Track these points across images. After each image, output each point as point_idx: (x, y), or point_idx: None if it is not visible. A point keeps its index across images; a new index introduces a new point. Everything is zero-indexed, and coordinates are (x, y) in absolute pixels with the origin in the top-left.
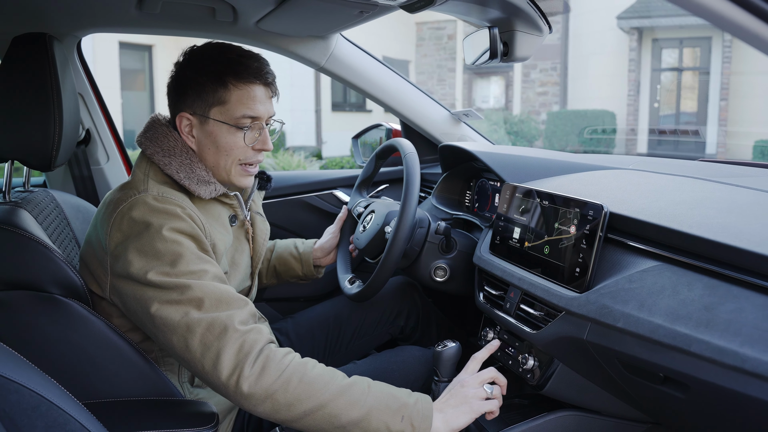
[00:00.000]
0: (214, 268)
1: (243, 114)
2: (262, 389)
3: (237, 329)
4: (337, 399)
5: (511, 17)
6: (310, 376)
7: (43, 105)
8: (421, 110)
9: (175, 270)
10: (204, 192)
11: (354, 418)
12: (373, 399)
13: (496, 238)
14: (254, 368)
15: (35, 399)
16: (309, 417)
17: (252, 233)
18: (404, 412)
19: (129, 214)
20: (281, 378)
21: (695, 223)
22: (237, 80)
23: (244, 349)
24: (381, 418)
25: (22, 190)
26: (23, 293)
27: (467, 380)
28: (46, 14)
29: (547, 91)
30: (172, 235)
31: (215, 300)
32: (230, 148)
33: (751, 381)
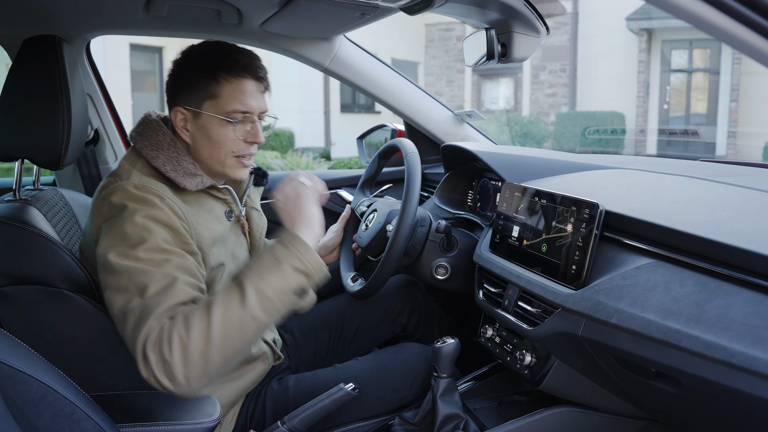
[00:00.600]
0: (182, 259)
1: (234, 108)
2: (170, 370)
3: (153, 319)
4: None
5: (509, 19)
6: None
7: (52, 105)
8: (425, 111)
9: (134, 252)
10: (189, 184)
11: (248, 304)
12: (245, 276)
13: (496, 237)
14: (154, 352)
15: (42, 389)
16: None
17: (248, 228)
18: (273, 253)
19: (109, 198)
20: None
21: (688, 221)
22: (228, 74)
23: (147, 335)
24: (265, 278)
25: (32, 189)
26: (32, 288)
27: (277, 195)
28: (56, 17)
29: (556, 93)
30: (144, 221)
31: (161, 286)
32: (222, 140)
33: (739, 375)
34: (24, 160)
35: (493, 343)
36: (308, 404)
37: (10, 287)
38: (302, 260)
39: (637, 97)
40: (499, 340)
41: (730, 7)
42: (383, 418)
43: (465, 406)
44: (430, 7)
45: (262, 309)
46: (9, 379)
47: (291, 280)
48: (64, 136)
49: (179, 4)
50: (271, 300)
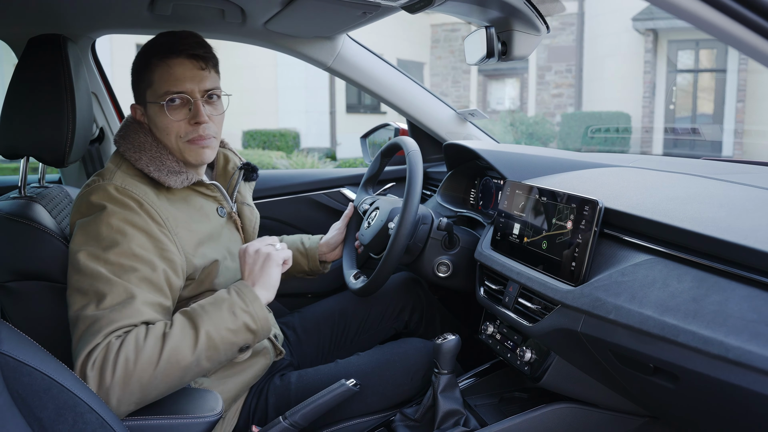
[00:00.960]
0: (148, 270)
1: (166, 90)
2: (104, 389)
3: (101, 336)
4: (173, 348)
5: (509, 17)
6: (142, 346)
7: (57, 103)
8: (427, 110)
9: (104, 255)
10: (174, 182)
11: (198, 349)
12: (202, 322)
13: (497, 234)
14: (94, 370)
15: (47, 382)
16: (163, 378)
17: (241, 223)
18: (232, 308)
19: (88, 197)
20: (118, 367)
21: (687, 217)
22: (156, 59)
23: (91, 352)
24: (219, 329)
25: (38, 186)
26: (37, 283)
27: (249, 249)
28: (61, 16)
29: (562, 93)
30: (120, 224)
31: (118, 299)
32: (165, 126)
33: (735, 370)
34: (30, 158)
35: (493, 340)
36: (310, 399)
37: (14, 283)
38: (256, 320)
39: (643, 98)
40: (500, 337)
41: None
42: (384, 413)
43: (465, 402)
44: (430, 6)
45: (207, 357)
46: (14, 372)
47: (240, 337)
48: (69, 133)
49: (183, 3)
50: (218, 350)
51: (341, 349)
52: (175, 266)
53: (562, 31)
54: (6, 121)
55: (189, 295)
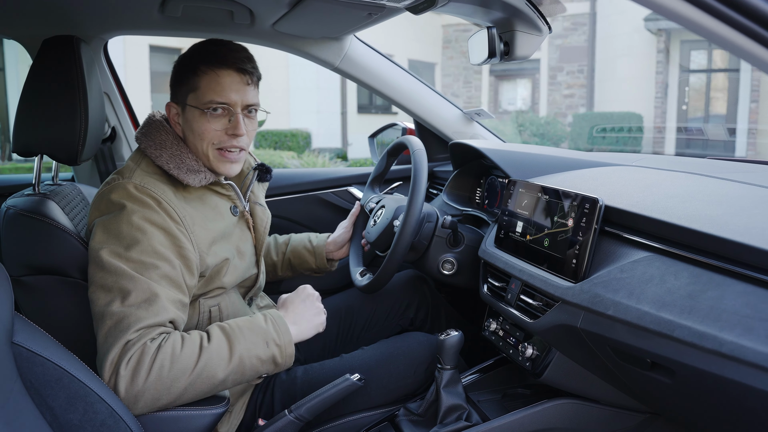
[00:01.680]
0: (170, 268)
1: (211, 98)
2: (137, 387)
3: (132, 333)
4: (208, 364)
5: (512, 18)
6: (180, 355)
7: (70, 103)
8: (434, 109)
9: (126, 253)
10: (193, 180)
11: (230, 370)
12: (239, 343)
13: (501, 232)
14: (128, 369)
15: (58, 372)
16: (190, 389)
17: (252, 223)
18: (266, 338)
19: (108, 195)
20: (153, 369)
21: (685, 215)
22: (206, 66)
23: (125, 351)
24: (251, 355)
25: (51, 184)
26: (50, 278)
27: (311, 294)
28: (74, 18)
29: (573, 94)
30: (140, 222)
31: (142, 298)
32: (203, 131)
33: (728, 364)
34: (43, 156)
35: (496, 336)
36: (315, 393)
37: (29, 277)
38: (283, 356)
39: (655, 98)
40: (503, 334)
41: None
42: (388, 408)
43: (468, 397)
44: (433, 7)
45: (233, 380)
46: (27, 362)
47: (265, 367)
48: (82, 132)
49: (193, 5)
50: (244, 374)
51: (347, 345)
52: (191, 264)
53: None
54: (21, 121)
55: (198, 292)
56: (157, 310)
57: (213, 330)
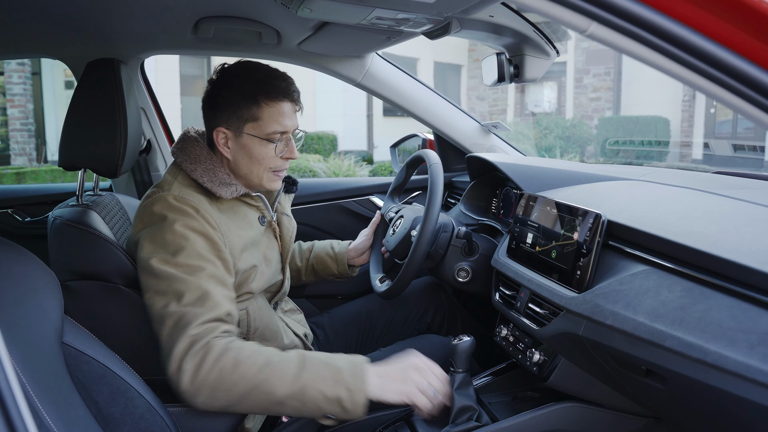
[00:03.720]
0: (215, 268)
1: (274, 129)
2: (198, 383)
3: (195, 327)
4: (269, 379)
5: (521, 43)
6: (244, 360)
7: (110, 121)
8: (452, 122)
9: (174, 259)
10: (225, 193)
11: (289, 392)
12: (306, 371)
13: (513, 243)
14: (193, 362)
15: (102, 369)
16: (247, 399)
17: (279, 232)
18: (337, 377)
19: (150, 207)
20: (216, 367)
21: (681, 231)
22: (268, 99)
23: (190, 346)
24: (315, 387)
25: (92, 194)
26: (92, 283)
27: (422, 367)
28: (115, 40)
29: (600, 97)
30: (182, 230)
31: (195, 297)
32: (262, 158)
33: (713, 373)
34: (86, 169)
35: (507, 342)
36: None
37: (73, 282)
38: (353, 401)
39: (682, 102)
40: (513, 339)
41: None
42: (403, 408)
43: (479, 399)
44: (447, 34)
45: (292, 405)
46: (74, 360)
47: (330, 407)
48: (121, 148)
49: (224, 26)
50: (303, 403)
51: (367, 349)
52: (229, 265)
53: None
54: (67, 137)
55: None
56: (211, 305)
57: (290, 351)
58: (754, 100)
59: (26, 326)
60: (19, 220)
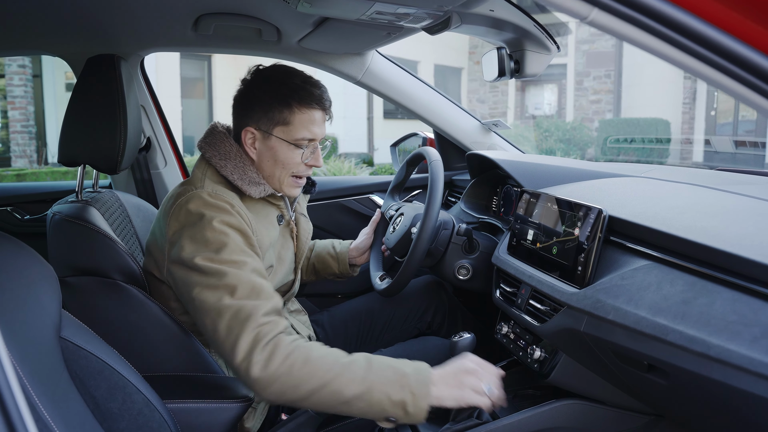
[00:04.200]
0: (255, 261)
1: (303, 135)
2: (268, 374)
3: (257, 319)
4: (340, 376)
5: (521, 38)
6: (314, 358)
7: (110, 117)
8: (453, 120)
9: (219, 257)
10: (254, 192)
11: (356, 393)
12: (373, 373)
13: (513, 240)
14: (263, 354)
15: (100, 364)
16: (315, 395)
17: (296, 232)
18: (403, 382)
19: (186, 206)
20: (287, 362)
21: (682, 226)
22: (301, 105)
23: (257, 338)
24: (382, 390)
25: (92, 191)
26: (91, 279)
27: (476, 369)
28: (115, 37)
29: (600, 99)
30: (221, 226)
31: (248, 290)
32: (287, 162)
33: (716, 366)
34: (85, 165)
35: (507, 339)
36: None
37: (72, 278)
38: (416, 406)
39: (683, 104)
40: (513, 336)
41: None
42: None
43: None
44: (447, 29)
45: (359, 406)
46: (73, 354)
47: (394, 410)
48: (121, 144)
49: (224, 23)
50: (370, 405)
51: (367, 347)
52: (261, 260)
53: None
54: (66, 133)
55: None
56: (267, 296)
57: (357, 354)
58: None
59: (24, 320)
60: (18, 218)
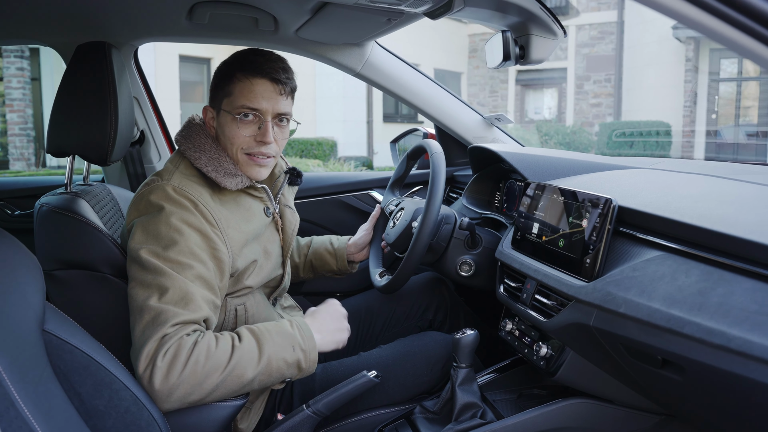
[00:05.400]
0: (202, 268)
1: (242, 104)
2: (170, 381)
3: (169, 327)
4: (240, 362)
5: (527, 22)
6: (214, 352)
7: (101, 106)
8: (454, 114)
9: (164, 253)
10: (230, 183)
11: (258, 370)
12: (266, 344)
13: (518, 234)
14: (164, 360)
15: (86, 360)
16: (220, 387)
17: (281, 225)
18: (292, 342)
19: (147, 196)
20: (188, 365)
21: (696, 214)
22: (241, 73)
23: (161, 345)
24: (278, 357)
25: (82, 183)
26: (80, 272)
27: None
28: (106, 25)
29: (600, 103)
30: (178, 223)
31: (177, 296)
32: (233, 136)
33: (737, 359)
34: (75, 157)
35: (512, 336)
36: (332, 389)
37: (60, 271)
38: (308, 361)
39: (684, 107)
40: (518, 333)
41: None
42: (404, 405)
43: (484, 396)
44: (449, 12)
45: (260, 381)
46: (57, 349)
47: (290, 371)
48: (112, 134)
49: (219, 12)
50: (270, 376)
51: (366, 345)
52: (223, 266)
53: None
54: (55, 122)
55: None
56: (193, 308)
57: (243, 331)
58: None
59: (4, 311)
60: (8, 214)
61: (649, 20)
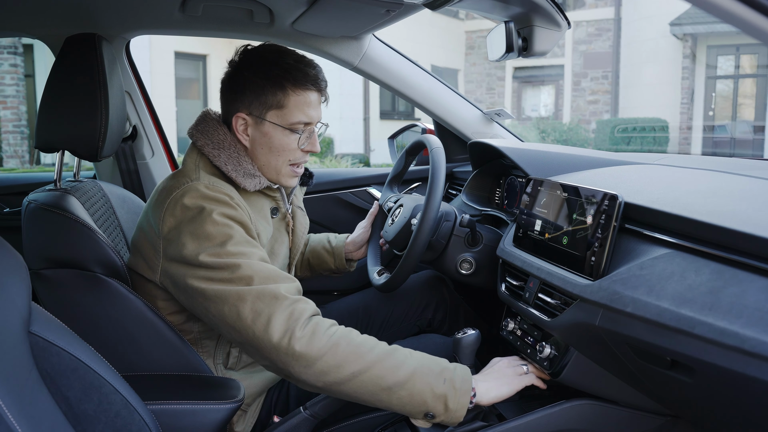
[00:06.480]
0: (261, 252)
1: (299, 119)
2: (314, 350)
3: (286, 297)
4: (382, 361)
5: (530, 12)
6: (356, 341)
7: (91, 99)
8: (454, 110)
9: (225, 250)
10: (249, 184)
11: (399, 380)
12: (416, 362)
13: (519, 231)
14: (305, 331)
15: (74, 362)
16: (356, 379)
17: (292, 226)
18: (446, 375)
19: (181, 200)
20: (330, 341)
21: (707, 211)
22: (295, 86)
23: (294, 315)
24: (425, 380)
25: (72, 180)
26: (69, 271)
27: (504, 360)
28: (97, 17)
29: (597, 100)
30: (223, 219)
31: (264, 277)
32: (283, 149)
33: (751, 361)
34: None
35: (514, 336)
36: None
37: (48, 270)
38: (456, 402)
39: (681, 104)
40: (521, 333)
41: None
42: None
43: None
44: (450, 2)
45: (399, 395)
46: (43, 351)
47: (434, 403)
48: (102, 128)
49: (213, 4)
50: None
51: None
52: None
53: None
54: (43, 117)
55: None
56: (285, 278)
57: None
58: None
59: None
60: None
61: (647, 17)
